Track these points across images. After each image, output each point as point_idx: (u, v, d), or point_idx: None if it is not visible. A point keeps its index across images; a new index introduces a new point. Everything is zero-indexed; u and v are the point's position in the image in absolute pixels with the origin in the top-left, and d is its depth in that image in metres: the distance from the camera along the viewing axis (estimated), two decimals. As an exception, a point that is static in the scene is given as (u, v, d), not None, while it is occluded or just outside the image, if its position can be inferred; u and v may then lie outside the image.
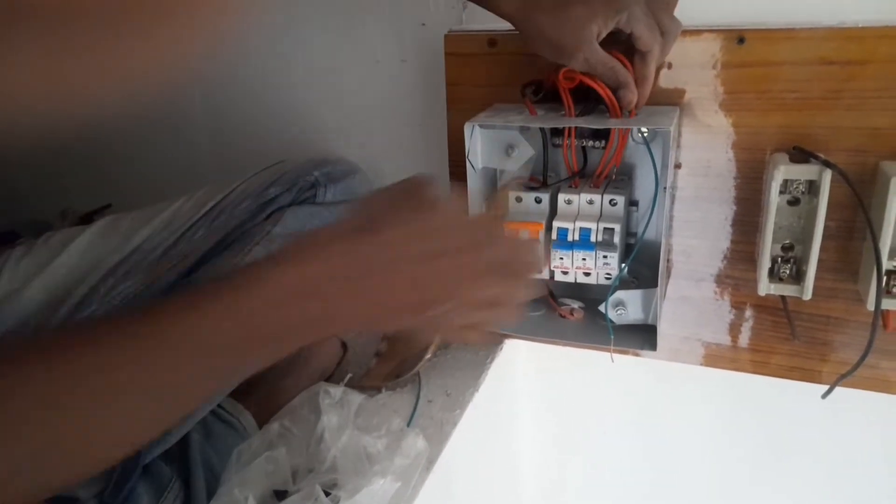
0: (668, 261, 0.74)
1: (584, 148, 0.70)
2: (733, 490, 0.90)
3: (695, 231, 0.73)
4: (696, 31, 0.66)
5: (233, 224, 0.65)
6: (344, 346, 0.73)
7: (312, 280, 0.38)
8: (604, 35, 0.59)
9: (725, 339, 0.76)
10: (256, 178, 0.68)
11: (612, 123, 0.63)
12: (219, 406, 0.64)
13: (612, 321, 0.70)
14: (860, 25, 0.60)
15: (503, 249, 0.43)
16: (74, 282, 0.61)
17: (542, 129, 0.70)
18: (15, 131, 0.20)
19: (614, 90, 0.62)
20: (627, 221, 0.70)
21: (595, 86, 0.62)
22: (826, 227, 0.61)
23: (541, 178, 0.72)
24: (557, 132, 0.70)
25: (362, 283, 0.38)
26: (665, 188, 0.66)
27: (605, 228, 0.67)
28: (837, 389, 0.67)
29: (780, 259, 0.65)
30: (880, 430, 0.79)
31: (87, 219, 0.78)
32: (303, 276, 0.38)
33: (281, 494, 0.57)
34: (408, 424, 0.69)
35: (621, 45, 0.61)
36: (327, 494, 0.55)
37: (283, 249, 0.39)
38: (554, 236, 0.68)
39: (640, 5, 0.58)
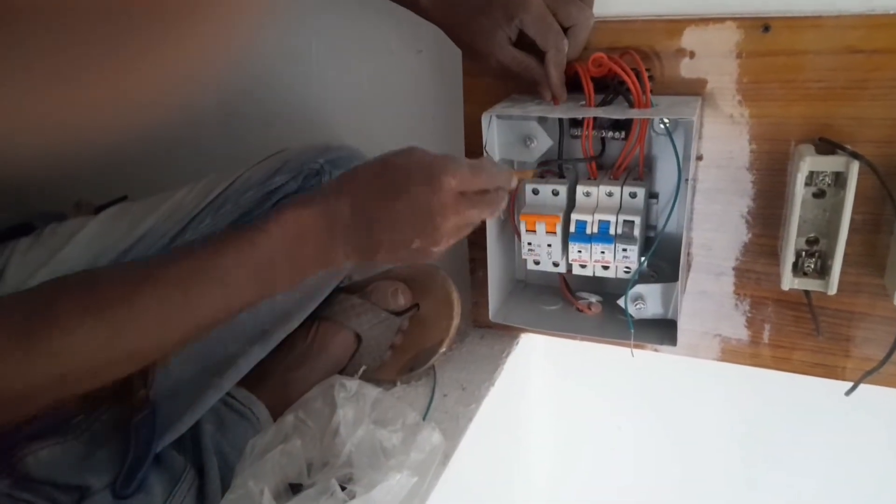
0: (688, 254, 0.73)
1: (602, 139, 0.69)
2: (751, 487, 0.88)
3: (715, 224, 0.72)
4: (720, 19, 0.64)
5: (238, 213, 0.65)
6: (358, 337, 0.73)
7: (306, 225, 0.51)
8: (514, 38, 0.63)
9: (746, 335, 0.74)
10: (260, 167, 0.68)
11: (633, 114, 0.62)
12: (232, 397, 0.63)
13: (631, 316, 0.69)
14: (891, 13, 0.59)
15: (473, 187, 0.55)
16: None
17: (559, 120, 0.69)
18: (19, 144, 0.19)
19: (536, 85, 0.66)
20: (647, 214, 0.69)
21: (621, 72, 0.61)
22: (852, 220, 0.60)
23: (557, 170, 0.71)
24: (576, 123, 0.69)
25: (346, 228, 0.51)
26: (687, 180, 0.65)
27: (624, 221, 0.66)
28: (861, 386, 0.66)
29: (804, 253, 0.64)
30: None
31: (101, 210, 0.77)
32: (299, 221, 0.51)
33: (296, 487, 0.57)
34: (423, 418, 0.68)
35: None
36: (343, 489, 0.55)
37: (290, 200, 0.53)
38: (572, 229, 0.67)
39: (530, 11, 0.61)
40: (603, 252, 0.67)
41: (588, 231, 0.67)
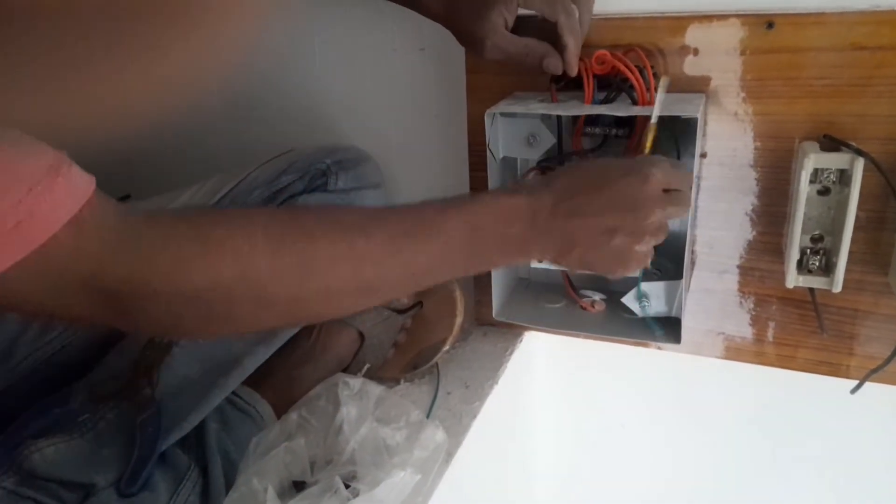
0: (692, 252, 0.73)
1: (605, 136, 0.69)
2: (754, 485, 0.88)
3: (719, 222, 0.71)
4: (723, 16, 0.64)
5: None
6: (361, 336, 0.73)
7: (515, 210, 0.50)
8: (511, 22, 0.63)
9: (750, 333, 0.74)
10: (267, 166, 0.68)
11: (637, 111, 0.62)
12: (236, 395, 0.64)
13: (636, 313, 0.69)
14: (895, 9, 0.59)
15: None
16: None
17: (557, 118, 0.68)
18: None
19: (539, 63, 0.65)
20: (650, 212, 0.69)
21: (624, 69, 0.61)
22: (857, 218, 0.60)
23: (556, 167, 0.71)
24: (590, 121, 0.68)
25: (546, 220, 0.51)
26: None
27: (628, 218, 0.65)
28: (866, 384, 0.65)
29: (809, 250, 0.64)
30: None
31: (105, 208, 0.78)
32: (510, 204, 0.51)
33: (299, 485, 0.57)
34: (427, 416, 0.68)
35: (539, 29, 0.64)
36: (347, 486, 0.55)
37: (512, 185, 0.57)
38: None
39: None
40: (606, 250, 0.67)
41: (591, 229, 0.67)
